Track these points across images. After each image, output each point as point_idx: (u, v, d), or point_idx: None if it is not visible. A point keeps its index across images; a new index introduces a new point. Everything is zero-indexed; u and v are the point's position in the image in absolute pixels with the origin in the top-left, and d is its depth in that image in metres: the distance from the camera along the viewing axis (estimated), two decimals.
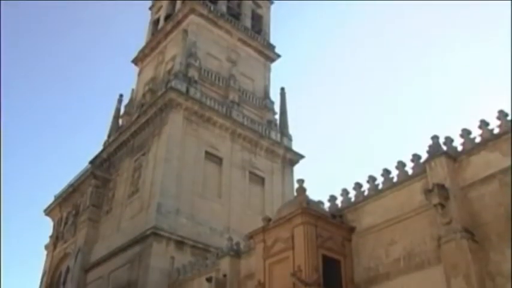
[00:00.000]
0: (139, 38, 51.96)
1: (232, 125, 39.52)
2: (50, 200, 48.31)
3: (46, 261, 46.47)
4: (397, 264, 18.92)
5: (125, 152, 41.11)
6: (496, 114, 17.58)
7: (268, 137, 41.76)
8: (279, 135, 42.93)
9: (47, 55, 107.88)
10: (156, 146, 36.67)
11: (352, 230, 20.95)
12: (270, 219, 21.82)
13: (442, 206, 17.03)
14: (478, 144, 17.80)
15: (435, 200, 17.07)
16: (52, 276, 44.42)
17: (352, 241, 20.86)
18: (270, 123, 43.34)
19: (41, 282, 45.44)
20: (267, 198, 39.04)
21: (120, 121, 46.03)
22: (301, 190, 21.77)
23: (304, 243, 19.41)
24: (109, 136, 45.32)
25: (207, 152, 37.39)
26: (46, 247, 47.71)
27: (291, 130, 44.49)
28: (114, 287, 33.75)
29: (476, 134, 18.06)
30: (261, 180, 40.05)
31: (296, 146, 43.84)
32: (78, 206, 43.64)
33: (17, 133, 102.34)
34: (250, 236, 23.05)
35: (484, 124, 17.90)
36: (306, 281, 18.51)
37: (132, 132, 40.54)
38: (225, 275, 24.98)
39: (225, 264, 25.54)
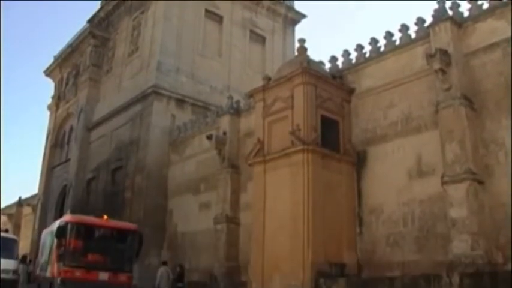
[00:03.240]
0: None
1: None
2: (50, 61, 48.22)
3: (50, 122, 47.36)
4: (394, 126, 19.21)
5: (123, 10, 40.03)
6: None
7: None
8: None
9: None
10: (155, 3, 35.69)
11: (351, 91, 21.02)
12: (270, 78, 21.75)
13: (443, 71, 16.84)
14: (485, 10, 17.22)
15: (437, 65, 16.85)
16: (56, 136, 45.52)
17: (351, 102, 20.99)
18: None
19: (46, 142, 46.62)
20: (268, 57, 38.82)
21: None
22: (302, 50, 21.54)
23: (304, 102, 19.51)
24: None
25: (207, 10, 36.54)
26: (49, 107, 48.35)
27: None
28: (116, 144, 34.60)
29: (485, 0, 17.48)
30: (262, 40, 39.60)
31: (298, 6, 42.98)
32: (78, 66, 43.60)
33: None
34: (250, 95, 23.17)
35: None
36: (304, 139, 18.89)
37: None
38: (225, 133, 25.48)
39: (225, 122, 25.98)
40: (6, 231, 23.80)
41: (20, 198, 53.95)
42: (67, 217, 17.43)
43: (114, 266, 16.65)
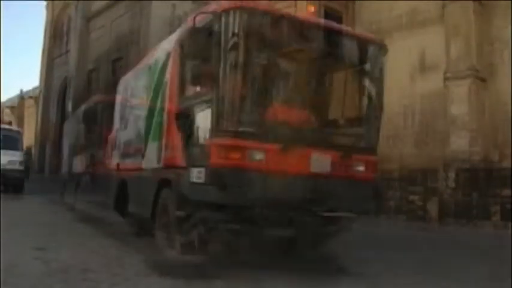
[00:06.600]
0: None
1: None
2: None
3: (47, 12, 46.21)
4: (399, 20, 18.86)
5: None
6: None
7: None
8: None
9: None
10: None
11: None
12: None
13: None
14: None
15: None
16: (55, 27, 44.59)
17: None
18: None
19: (45, 33, 45.81)
20: None
21: None
22: None
23: None
24: None
25: None
26: None
27: None
28: (116, 35, 34.01)
29: None
30: None
31: None
32: None
33: None
34: None
35: None
36: None
37: None
38: None
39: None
40: (10, 123, 23.92)
41: (21, 90, 53.66)
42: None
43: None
